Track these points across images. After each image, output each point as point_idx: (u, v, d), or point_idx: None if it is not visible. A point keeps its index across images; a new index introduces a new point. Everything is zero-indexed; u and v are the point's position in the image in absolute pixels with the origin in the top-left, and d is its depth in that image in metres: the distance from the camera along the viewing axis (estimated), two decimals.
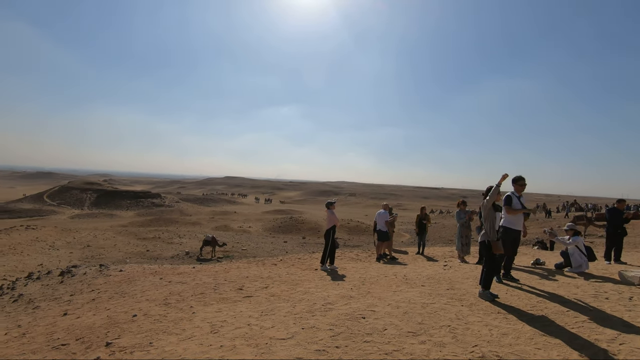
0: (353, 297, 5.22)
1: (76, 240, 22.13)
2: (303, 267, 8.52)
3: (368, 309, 4.52)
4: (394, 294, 5.36)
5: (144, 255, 19.36)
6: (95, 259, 17.77)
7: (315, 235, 31.61)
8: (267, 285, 6.27)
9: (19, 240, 20.87)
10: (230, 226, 34.84)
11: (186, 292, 5.91)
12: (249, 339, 3.66)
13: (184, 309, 4.95)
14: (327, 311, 4.52)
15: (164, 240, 23.90)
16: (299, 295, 5.45)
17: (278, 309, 4.71)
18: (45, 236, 22.64)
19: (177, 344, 3.66)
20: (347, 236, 30.82)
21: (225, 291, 5.93)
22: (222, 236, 25.24)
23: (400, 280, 6.45)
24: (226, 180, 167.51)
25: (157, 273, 8.01)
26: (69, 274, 9.08)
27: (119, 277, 7.91)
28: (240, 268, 8.54)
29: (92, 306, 5.78)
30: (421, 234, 10.89)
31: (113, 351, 3.58)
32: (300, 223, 35.55)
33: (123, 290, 6.63)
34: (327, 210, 8.53)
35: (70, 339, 4.17)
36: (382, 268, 8.27)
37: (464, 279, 6.38)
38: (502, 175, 4.91)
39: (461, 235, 9.13)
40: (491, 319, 4.09)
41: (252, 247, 23.19)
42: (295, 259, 10.03)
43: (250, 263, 9.60)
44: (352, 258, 10.34)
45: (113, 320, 4.69)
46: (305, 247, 24.51)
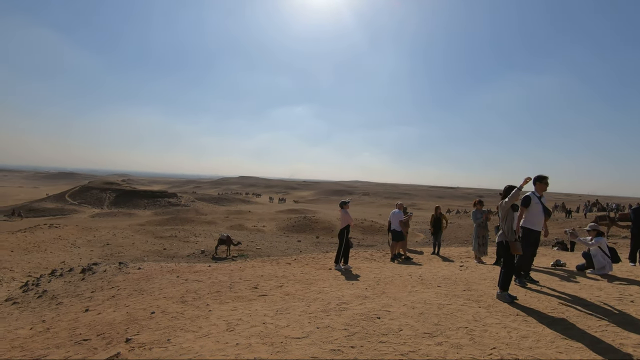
0: (368, 297, 5.19)
1: (96, 239, 22.76)
2: (317, 267, 8.52)
3: (383, 309, 4.49)
4: (409, 295, 5.31)
5: (161, 254, 19.75)
6: (114, 256, 18.24)
7: (328, 234, 31.62)
8: (281, 284, 6.30)
9: (42, 238, 21.61)
10: (245, 225, 35.17)
11: (202, 290, 6.00)
12: (264, 338, 3.69)
13: (201, 307, 5.02)
14: (341, 311, 4.51)
15: (180, 239, 24.33)
16: (314, 295, 5.46)
17: (293, 308, 4.73)
18: (67, 234, 23.36)
19: (194, 341, 3.72)
20: (361, 236, 30.71)
21: (240, 290, 5.99)
22: (237, 235, 25.52)
23: (416, 281, 6.38)
24: (240, 180, 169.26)
25: (174, 271, 8.16)
26: (89, 271, 9.34)
27: (138, 274, 8.09)
28: (255, 267, 8.61)
29: (112, 303, 5.93)
30: (436, 233, 10.75)
31: (133, 347, 3.66)
32: (314, 222, 35.60)
33: (141, 287, 6.77)
34: (340, 210, 8.52)
35: (92, 334, 4.29)
36: (396, 268, 8.20)
37: (481, 280, 6.27)
38: (525, 178, 4.84)
39: (477, 236, 8.97)
40: (510, 321, 4.00)
41: (266, 246, 23.37)
42: (309, 259, 10.05)
43: (265, 262, 9.67)
44: (366, 258, 10.29)
45: (132, 316, 4.80)
46: (318, 247, 24.54)
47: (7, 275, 12.76)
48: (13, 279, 12.22)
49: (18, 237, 21.35)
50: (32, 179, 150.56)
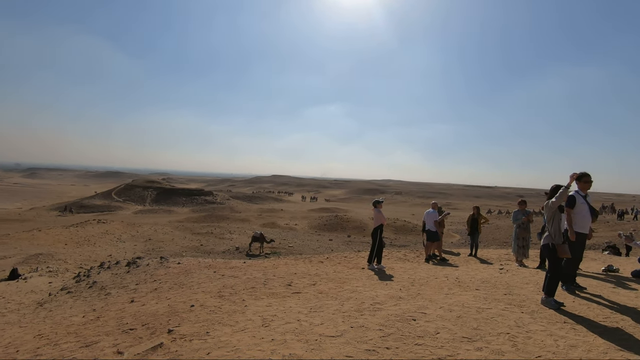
0: (402, 298, 5.10)
1: (139, 234, 24.09)
2: (350, 266, 8.49)
3: (419, 311, 4.40)
4: (445, 297, 5.16)
5: (198, 249, 20.56)
6: (155, 251, 19.22)
7: (360, 233, 31.44)
8: (314, 283, 6.34)
9: (92, 233, 23.21)
10: (277, 223, 35.77)
11: (238, 286, 6.16)
12: (298, 334, 3.73)
13: (237, 302, 5.16)
14: (376, 311, 4.46)
15: (216, 235, 25.19)
16: (347, 294, 5.44)
17: (326, 307, 4.74)
18: (114, 229, 24.92)
19: (232, 335, 3.83)
20: (394, 236, 30.26)
21: (274, 286, 6.09)
22: (270, 233, 26.02)
23: (452, 283, 6.18)
24: (273, 178, 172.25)
25: (211, 267, 8.45)
26: (134, 264, 9.90)
27: (178, 269, 8.46)
28: (288, 264, 8.73)
29: (154, 295, 6.25)
30: (473, 234, 10.36)
31: (174, 338, 3.83)
32: (346, 221, 35.53)
33: (181, 281, 7.08)
34: (374, 209, 8.43)
35: (137, 324, 4.54)
36: (431, 269, 7.99)
37: (524, 284, 5.96)
38: (571, 175, 4.51)
39: (517, 237, 8.54)
40: (556, 329, 3.77)
41: (298, 244, 23.64)
42: (342, 257, 10.03)
43: (298, 260, 9.77)
44: (400, 258, 10.11)
45: (173, 309, 5.03)
46: (350, 246, 24.47)
47: (61, 267, 13.83)
48: (67, 270, 13.23)
49: (70, 232, 23.08)
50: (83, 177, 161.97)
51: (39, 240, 20.57)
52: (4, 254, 17.08)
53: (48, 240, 20.53)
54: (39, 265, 14.03)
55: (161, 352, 3.52)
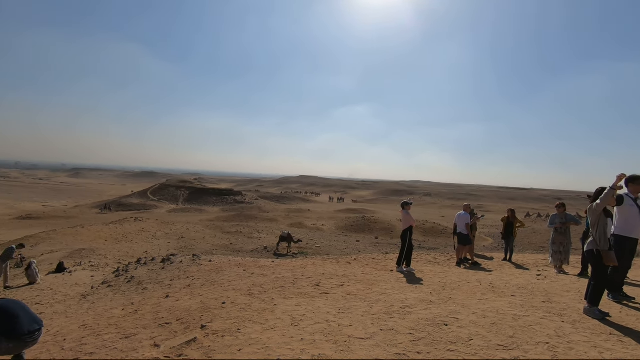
0: (433, 302, 4.98)
1: (172, 232, 25.03)
2: (378, 268, 8.40)
3: (450, 316, 4.27)
4: (479, 302, 4.98)
5: (228, 248, 21.08)
6: (187, 249, 19.91)
7: (388, 235, 31.02)
8: (342, 284, 6.33)
9: (129, 230, 24.37)
10: (305, 224, 35.98)
11: (267, 285, 6.26)
12: (327, 335, 3.73)
13: (266, 301, 5.25)
14: (405, 314, 4.39)
15: (244, 234, 25.72)
16: (376, 296, 5.39)
17: (355, 308, 4.72)
18: (149, 227, 26.04)
19: (262, 332, 3.89)
20: (423, 238, 29.64)
21: (303, 286, 6.14)
22: (297, 233, 26.23)
23: (486, 288, 5.97)
24: (301, 179, 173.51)
25: (241, 265, 8.64)
26: (168, 261, 10.31)
27: (209, 266, 8.72)
28: (316, 265, 8.76)
29: (188, 291, 6.47)
30: (508, 238, 9.94)
31: (207, 333, 3.95)
32: (373, 223, 35.18)
33: (213, 279, 7.29)
34: (402, 211, 8.29)
35: (172, 318, 4.72)
36: (463, 273, 7.75)
37: (564, 291, 5.65)
38: (618, 176, 4.20)
39: (554, 242, 8.10)
40: (601, 341, 3.55)
41: (325, 244, 23.67)
42: (369, 259, 9.95)
43: (325, 261, 9.79)
44: (430, 261, 9.89)
45: (206, 305, 5.19)
46: (377, 247, 24.20)
47: (102, 262, 14.63)
48: (107, 265, 13.98)
49: (110, 229, 24.36)
50: (121, 177, 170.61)
51: (82, 236, 21.87)
52: (52, 248, 18.30)
53: (90, 237, 21.78)
54: (82, 259, 14.92)
55: (195, 346, 3.64)
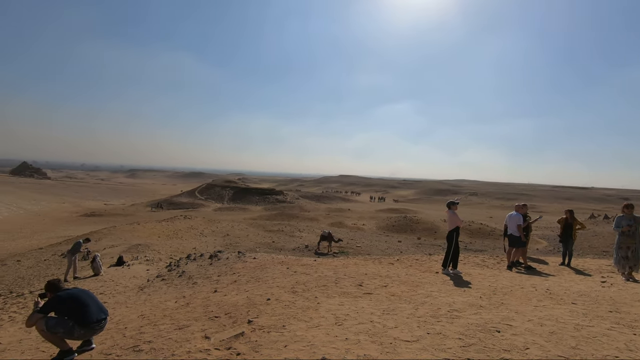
0: (483, 307, 4.74)
1: (218, 230, 26.13)
2: (422, 269, 8.17)
3: (503, 322, 4.04)
4: (534, 309, 4.66)
5: (270, 246, 21.59)
6: (232, 246, 20.68)
7: (431, 236, 30.04)
8: (386, 284, 6.22)
9: (179, 227, 25.81)
10: (345, 223, 35.90)
11: (310, 283, 6.33)
12: (372, 336, 3.69)
13: (310, 299, 5.30)
14: (454, 318, 4.21)
15: (286, 233, 26.20)
16: (421, 298, 5.23)
17: (400, 310, 4.62)
18: (197, 225, 27.40)
19: (306, 330, 3.94)
20: (469, 239, 28.35)
21: (345, 286, 6.12)
22: (337, 232, 26.24)
23: (542, 294, 5.57)
24: (341, 178, 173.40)
25: (283, 263, 8.82)
26: (215, 257, 10.78)
27: (253, 263, 8.99)
28: (357, 265, 8.71)
29: (234, 287, 6.72)
30: (567, 241, 9.20)
31: (254, 328, 4.07)
32: (415, 223, 34.25)
33: (257, 275, 7.50)
34: (447, 211, 7.98)
35: (221, 312, 4.93)
36: (515, 278, 7.30)
37: (634, 301, 5.12)
38: None
39: (620, 247, 7.34)
40: None
41: (366, 244, 23.44)
42: (413, 260, 9.70)
43: (367, 260, 9.69)
44: (478, 264, 9.42)
45: (251, 301, 5.35)
46: (420, 248, 23.53)
47: (156, 257, 15.64)
48: (160, 260, 14.92)
49: (162, 226, 25.97)
50: (172, 177, 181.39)
51: (138, 232, 23.54)
52: (112, 243, 19.90)
53: (145, 233, 23.38)
54: (138, 254, 16.05)
55: (243, 340, 3.76)
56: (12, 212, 43.44)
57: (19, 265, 15.45)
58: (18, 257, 17.63)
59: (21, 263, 15.98)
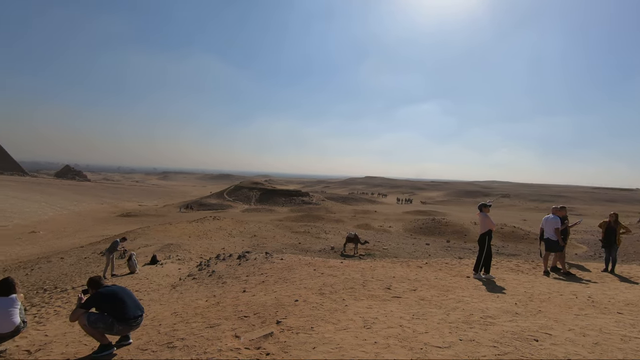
0: (519, 314, 4.53)
1: (246, 230, 26.63)
2: (452, 273, 7.94)
3: (541, 331, 3.85)
4: (575, 318, 4.41)
5: (297, 247, 21.74)
6: (260, 247, 21.00)
7: (460, 239, 29.18)
8: (415, 288, 6.10)
9: (208, 228, 26.53)
10: (371, 225, 35.58)
11: (337, 285, 6.31)
12: (402, 340, 3.62)
13: (337, 301, 5.29)
14: (487, 325, 4.06)
15: (312, 234, 26.30)
16: (452, 303, 5.09)
17: (430, 314, 4.51)
18: (226, 225, 28.06)
19: (335, 332, 3.92)
20: (501, 243, 27.29)
21: (373, 289, 6.05)
22: (364, 234, 26.04)
23: (584, 302, 5.26)
24: (367, 180, 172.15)
25: (310, 264, 8.85)
26: (243, 258, 10.98)
27: (281, 264, 9.09)
28: (385, 267, 8.60)
29: (262, 287, 6.81)
30: (610, 246, 8.65)
31: (282, 329, 4.11)
32: (444, 225, 33.39)
33: (285, 276, 7.57)
34: (479, 213, 7.71)
35: (250, 312, 5.01)
36: (553, 284, 6.94)
37: None
38: None
39: None
40: None
41: (393, 247, 23.10)
42: (442, 264, 9.45)
43: (395, 263, 9.55)
44: (511, 269, 9.05)
45: (280, 302, 5.41)
46: (449, 252, 22.92)
47: (187, 256, 16.14)
48: (191, 259, 15.39)
49: (193, 226, 26.79)
50: (201, 179, 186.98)
51: (170, 232, 24.42)
52: (146, 242, 20.75)
53: (177, 233, 24.21)
54: (170, 253, 16.64)
55: (272, 340, 3.80)
56: (57, 212, 46.32)
57: (62, 262, 16.44)
58: (62, 255, 18.77)
59: (64, 260, 16.99)
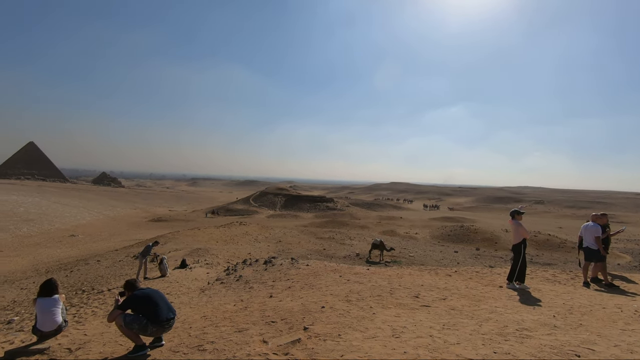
0: (558, 327, 4.30)
1: (271, 236, 26.90)
2: (484, 282, 7.66)
3: (583, 346, 3.63)
4: (621, 333, 4.13)
5: (321, 253, 21.70)
6: (285, 252, 21.13)
7: (491, 247, 28.13)
8: (444, 297, 5.93)
9: (235, 233, 27.02)
10: (397, 231, 35.00)
11: (364, 292, 6.24)
12: (432, 351, 3.52)
13: (364, 308, 5.22)
14: (523, 338, 3.88)
15: (337, 240, 26.20)
16: (485, 314, 4.90)
17: (461, 325, 4.36)
18: (252, 231, 28.48)
19: (362, 340, 3.87)
20: (535, 251, 26.07)
21: (401, 297, 5.94)
22: (389, 241, 25.65)
23: (630, 317, 4.92)
24: (392, 185, 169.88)
25: (336, 271, 8.80)
26: (270, 263, 11.09)
27: (306, 270, 9.10)
28: (412, 275, 8.42)
29: (289, 293, 6.84)
30: None
31: (310, 336, 4.10)
32: (473, 232, 32.32)
33: (311, 282, 7.57)
34: (511, 221, 7.41)
35: (277, 317, 5.04)
36: (594, 296, 6.54)
37: None
38: None
39: None
40: None
41: (420, 254, 22.60)
42: (472, 272, 9.14)
43: (422, 271, 9.33)
44: (547, 279, 8.62)
45: (306, 308, 5.41)
46: (479, 260, 22.15)
47: (215, 260, 16.50)
48: (218, 264, 15.70)
49: (220, 231, 27.38)
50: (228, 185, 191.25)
51: (198, 237, 25.07)
52: (176, 247, 21.39)
53: (205, 238, 24.82)
54: (199, 257, 17.07)
55: (299, 347, 3.80)
56: (94, 217, 48.72)
57: (98, 265, 17.24)
58: (98, 258, 19.70)
59: (100, 263, 17.81)
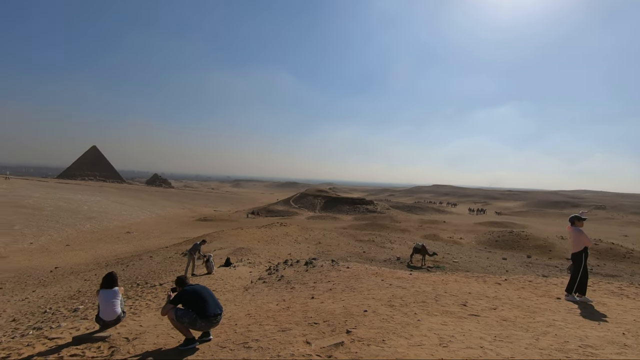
0: (629, 347, 3.89)
1: (311, 237, 27.11)
2: (538, 293, 7.13)
3: None
4: None
5: (361, 256, 21.49)
6: (324, 254, 21.19)
7: (544, 254, 26.22)
8: (495, 307, 5.60)
9: (276, 234, 27.58)
10: (439, 236, 33.79)
11: (408, 298, 6.06)
12: None
13: (409, 314, 5.07)
14: (588, 356, 3.55)
15: (377, 243, 25.81)
16: (541, 327, 4.55)
17: (515, 338, 4.08)
18: (292, 232, 28.92)
19: (408, 347, 3.76)
20: (596, 261, 23.93)
21: (447, 304, 5.70)
22: (432, 245, 24.82)
23: None
24: (434, 188, 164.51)
25: (378, 274, 8.66)
26: (310, 264, 11.17)
27: (347, 273, 9.04)
28: (458, 281, 8.06)
29: (330, 295, 6.83)
30: None
31: (353, 339, 4.06)
32: (524, 239, 30.35)
33: (352, 285, 7.51)
34: (571, 228, 6.83)
35: (319, 319, 5.05)
36: None
37: None
38: None
39: None
40: None
41: (465, 260, 21.61)
42: (525, 281, 8.56)
43: (469, 278, 8.90)
44: (613, 292, 7.84)
45: (348, 311, 5.36)
46: (531, 268, 20.74)
47: (257, 260, 16.94)
48: (260, 263, 16.10)
49: (261, 231, 28.10)
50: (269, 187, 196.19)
51: (241, 237, 25.92)
52: (221, 245, 22.27)
53: (247, 237, 25.61)
54: (242, 256, 17.63)
55: (343, 350, 3.77)
56: (147, 216, 52.17)
57: (151, 261, 18.41)
58: (150, 254, 21.04)
59: (152, 259, 19.01)
